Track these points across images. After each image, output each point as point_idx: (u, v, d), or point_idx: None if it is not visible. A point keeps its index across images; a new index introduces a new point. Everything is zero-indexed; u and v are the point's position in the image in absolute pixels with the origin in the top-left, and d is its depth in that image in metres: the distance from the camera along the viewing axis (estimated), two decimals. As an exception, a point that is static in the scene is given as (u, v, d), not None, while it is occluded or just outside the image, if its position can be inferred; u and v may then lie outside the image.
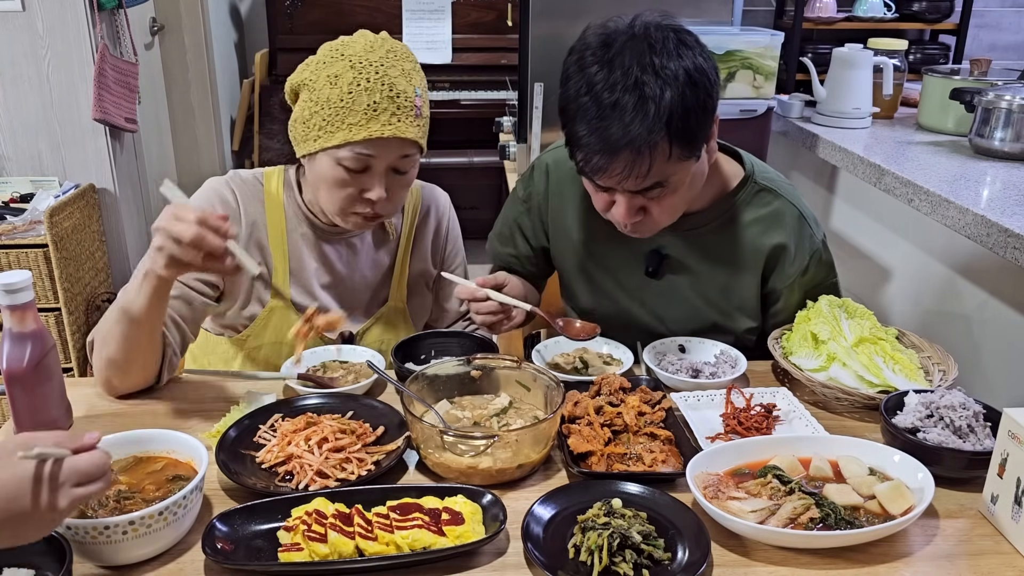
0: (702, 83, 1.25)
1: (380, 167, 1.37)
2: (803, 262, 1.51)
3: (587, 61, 1.27)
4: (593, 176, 1.31)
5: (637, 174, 1.26)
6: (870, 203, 2.58)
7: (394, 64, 1.35)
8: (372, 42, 1.37)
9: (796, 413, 1.31)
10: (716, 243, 1.51)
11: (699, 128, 1.27)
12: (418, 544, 0.98)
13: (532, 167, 1.65)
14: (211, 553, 0.95)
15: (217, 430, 1.22)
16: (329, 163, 1.36)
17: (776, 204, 1.50)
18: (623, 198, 1.33)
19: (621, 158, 1.24)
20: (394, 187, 1.40)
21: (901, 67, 2.79)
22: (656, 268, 1.54)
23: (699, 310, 1.56)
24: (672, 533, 1.02)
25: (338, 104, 1.33)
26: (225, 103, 4.42)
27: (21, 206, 2.84)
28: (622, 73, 1.22)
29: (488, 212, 5.05)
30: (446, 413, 1.27)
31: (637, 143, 1.22)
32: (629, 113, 1.21)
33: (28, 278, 1.15)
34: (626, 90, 1.22)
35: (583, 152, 1.28)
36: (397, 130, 1.34)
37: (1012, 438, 1.04)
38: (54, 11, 2.76)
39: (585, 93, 1.25)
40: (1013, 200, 1.87)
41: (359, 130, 1.32)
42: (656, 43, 1.23)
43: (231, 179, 1.49)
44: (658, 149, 1.24)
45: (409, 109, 1.35)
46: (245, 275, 1.43)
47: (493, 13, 4.40)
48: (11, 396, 1.19)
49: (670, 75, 1.22)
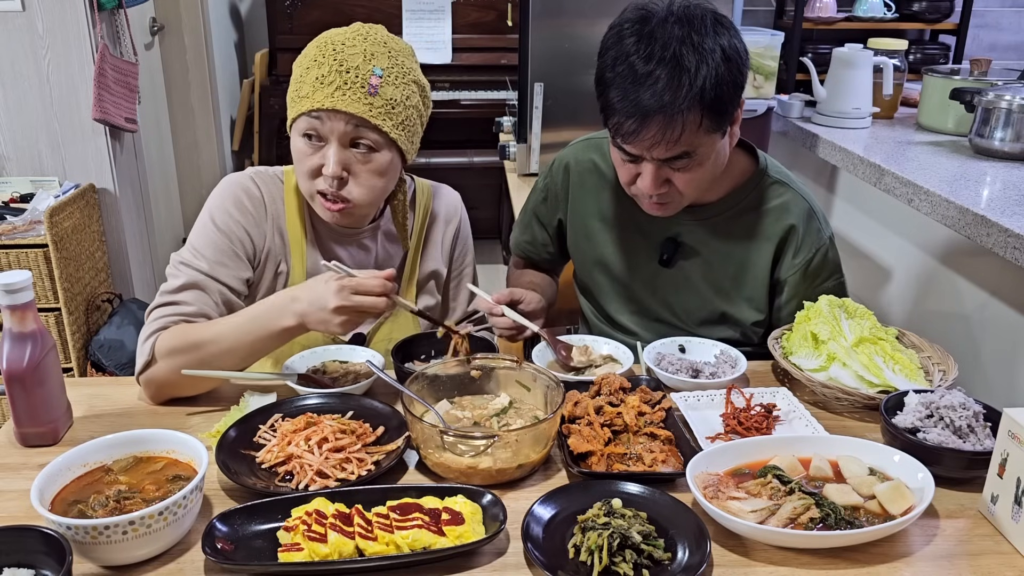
0: (736, 60, 1.33)
1: (330, 138, 1.37)
2: (809, 253, 1.54)
3: (625, 33, 1.34)
4: (625, 141, 1.36)
5: (669, 139, 1.31)
6: (870, 203, 2.58)
7: (356, 44, 1.37)
8: (351, 28, 1.41)
9: (796, 413, 1.31)
10: (730, 230, 1.56)
11: (729, 103, 1.34)
12: (418, 544, 0.98)
13: (552, 163, 1.73)
14: (211, 553, 0.95)
15: (217, 430, 1.22)
16: (294, 137, 1.41)
17: (787, 196, 1.55)
18: (650, 167, 1.38)
19: (654, 123, 1.30)
20: (356, 169, 1.39)
21: (901, 67, 2.78)
22: (670, 256, 1.58)
23: (709, 299, 1.59)
24: (672, 533, 1.02)
25: (298, 80, 1.38)
26: (225, 103, 4.42)
27: (21, 206, 2.84)
28: (661, 45, 1.29)
29: (488, 212, 5.06)
30: (446, 413, 1.27)
31: (670, 109, 1.28)
32: (665, 81, 1.28)
33: (28, 278, 1.15)
34: (663, 61, 1.29)
35: (617, 117, 1.34)
36: (340, 103, 1.34)
37: (1012, 438, 1.04)
38: (54, 11, 2.76)
39: (623, 62, 1.32)
40: (1013, 200, 1.87)
41: (307, 102, 1.36)
42: (696, 21, 1.31)
43: (254, 173, 1.50)
44: (690, 117, 1.30)
45: (359, 85, 1.35)
46: (281, 278, 1.51)
47: (493, 13, 4.40)
48: (11, 396, 1.19)
49: (707, 50, 1.29)
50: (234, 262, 1.43)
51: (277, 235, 1.48)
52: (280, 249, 1.49)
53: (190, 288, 1.38)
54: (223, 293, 1.41)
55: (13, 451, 1.22)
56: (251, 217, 1.45)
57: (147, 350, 1.33)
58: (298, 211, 1.50)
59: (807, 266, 1.54)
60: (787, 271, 1.56)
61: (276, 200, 1.49)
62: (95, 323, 2.92)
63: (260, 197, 1.47)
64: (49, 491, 1.01)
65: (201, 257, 1.40)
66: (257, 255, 1.47)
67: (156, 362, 1.32)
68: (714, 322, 1.60)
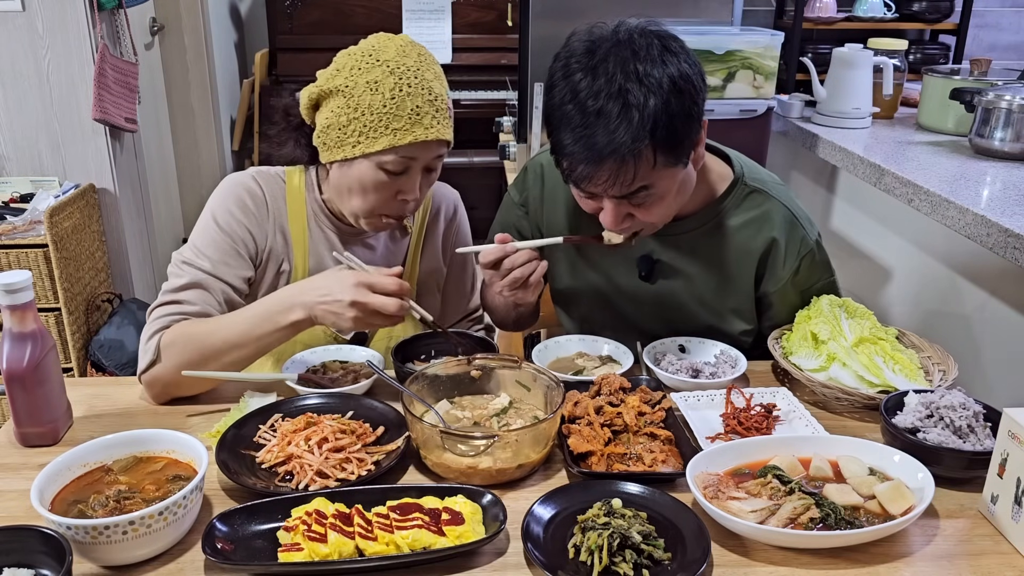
0: (687, 90, 1.23)
1: (419, 167, 1.39)
2: (794, 263, 1.49)
3: (572, 68, 1.26)
4: (579, 184, 1.30)
5: (622, 182, 1.25)
6: (870, 203, 2.58)
7: (429, 68, 1.38)
8: (403, 46, 1.37)
9: (796, 413, 1.31)
10: (707, 247, 1.50)
11: (684, 136, 1.26)
12: (418, 544, 0.98)
13: (525, 169, 1.64)
14: (211, 553, 0.95)
15: (217, 430, 1.22)
16: (369, 167, 1.37)
17: (767, 206, 1.48)
18: (610, 204, 1.32)
19: (606, 167, 1.23)
20: (424, 186, 1.43)
21: (901, 67, 2.78)
22: (649, 272, 1.53)
23: (694, 313, 1.55)
24: (672, 533, 1.02)
25: (381, 110, 1.33)
26: (225, 103, 4.42)
27: (21, 206, 2.84)
28: (606, 80, 1.21)
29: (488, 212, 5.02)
30: (446, 413, 1.27)
31: (621, 151, 1.21)
32: (614, 121, 1.20)
33: (28, 278, 1.15)
34: (610, 97, 1.21)
35: (568, 160, 1.27)
36: (439, 133, 1.37)
37: (1012, 438, 1.04)
38: (54, 11, 2.76)
39: (570, 101, 1.24)
40: (1013, 200, 1.87)
41: (404, 135, 1.34)
42: (640, 50, 1.22)
43: (256, 173, 1.50)
44: (642, 157, 1.23)
45: (446, 111, 1.39)
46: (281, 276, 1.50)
47: (493, 13, 4.40)
48: (11, 396, 1.19)
49: (654, 83, 1.21)
50: (236, 261, 1.43)
51: (279, 234, 1.48)
52: (282, 248, 1.49)
53: (193, 287, 1.38)
54: (225, 292, 1.41)
55: (13, 451, 1.22)
56: (253, 217, 1.45)
57: (151, 349, 1.33)
58: (300, 210, 1.50)
59: (794, 275, 1.50)
60: (774, 284, 1.51)
61: (278, 199, 1.49)
62: (95, 323, 2.92)
63: (262, 196, 1.47)
64: (49, 491, 1.01)
65: (203, 256, 1.40)
66: (259, 254, 1.47)
67: (161, 360, 1.32)
68: (701, 334, 1.54)
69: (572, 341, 1.55)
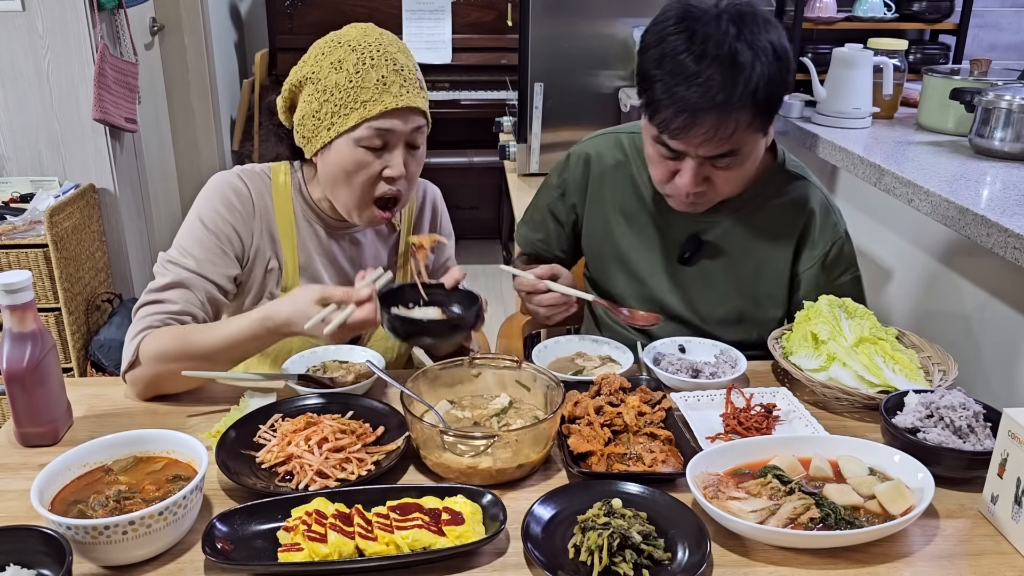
0: (785, 60, 1.33)
1: (398, 141, 1.38)
2: (826, 246, 1.56)
3: (669, 31, 1.33)
4: (673, 137, 1.34)
5: (720, 137, 1.32)
6: (870, 203, 2.58)
7: (392, 43, 1.39)
8: (364, 28, 1.40)
9: (796, 413, 1.31)
10: (752, 224, 1.57)
11: (777, 102, 1.35)
12: (418, 544, 0.98)
13: (568, 156, 1.71)
14: (211, 553, 0.95)
15: (217, 430, 1.22)
16: (347, 147, 1.37)
17: (806, 188, 1.57)
18: (691, 165, 1.38)
19: (706, 120, 1.30)
20: (410, 164, 1.42)
21: (901, 67, 2.78)
22: (692, 254, 1.58)
23: (729, 297, 1.60)
24: (672, 533, 1.02)
25: (347, 86, 1.34)
26: (225, 103, 4.42)
27: (21, 206, 2.84)
28: (715, 43, 1.29)
29: (488, 212, 5.06)
30: (446, 413, 1.27)
31: (725, 107, 1.29)
32: (720, 78, 1.28)
33: (28, 278, 1.15)
34: (717, 58, 1.28)
35: (665, 113, 1.32)
36: (409, 100, 1.36)
37: (1012, 438, 1.04)
38: (54, 11, 2.76)
39: (682, 51, 1.31)
40: (1013, 200, 1.87)
41: (374, 105, 1.34)
42: (747, 19, 1.31)
43: (241, 171, 1.50)
44: (742, 116, 1.31)
45: (415, 81, 1.38)
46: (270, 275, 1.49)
47: (493, 13, 4.40)
48: (11, 396, 1.19)
49: (760, 48, 1.30)
50: (222, 260, 1.42)
51: (266, 232, 1.48)
52: (269, 246, 1.48)
53: (176, 287, 1.38)
54: (209, 291, 1.41)
55: (13, 451, 1.22)
56: (239, 215, 1.45)
57: (132, 350, 1.35)
58: (287, 207, 1.49)
59: (824, 258, 1.56)
60: (806, 264, 1.57)
61: (264, 197, 1.48)
62: (95, 323, 2.92)
63: (248, 195, 1.47)
64: (49, 491, 1.01)
65: (188, 255, 1.40)
66: (245, 252, 1.46)
67: (140, 364, 1.34)
68: (733, 321, 1.60)
69: (572, 341, 1.55)
